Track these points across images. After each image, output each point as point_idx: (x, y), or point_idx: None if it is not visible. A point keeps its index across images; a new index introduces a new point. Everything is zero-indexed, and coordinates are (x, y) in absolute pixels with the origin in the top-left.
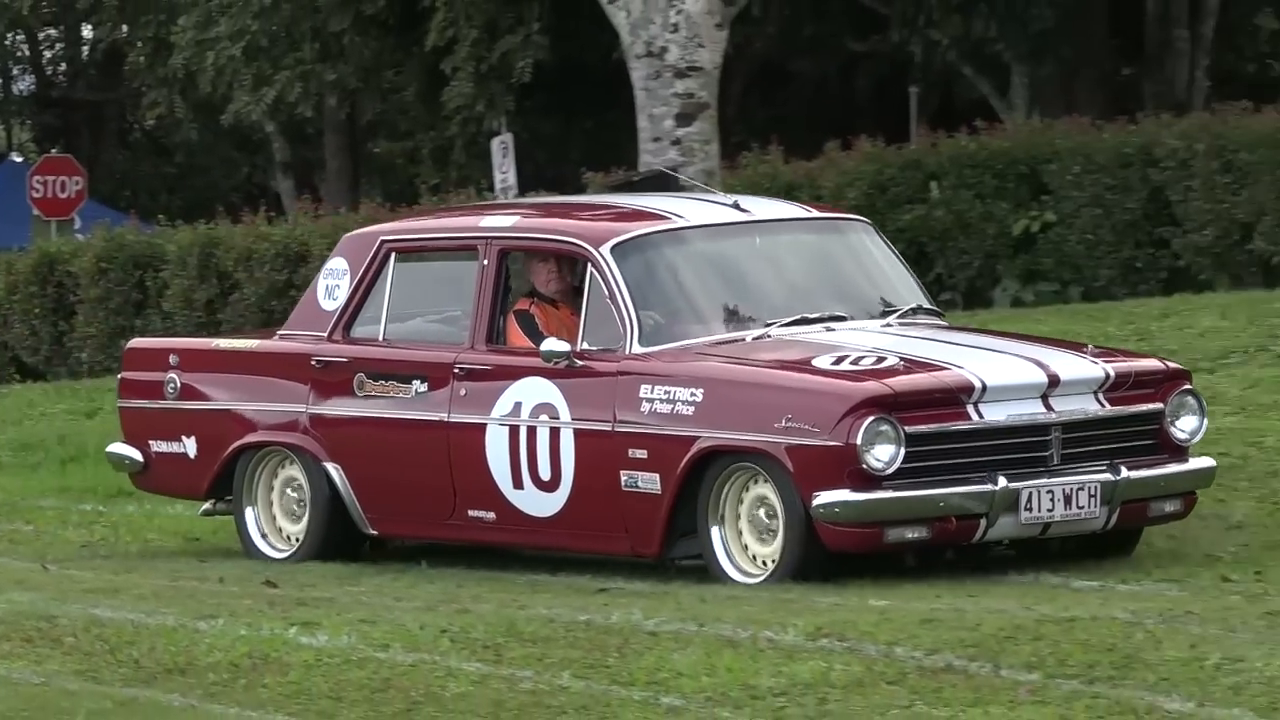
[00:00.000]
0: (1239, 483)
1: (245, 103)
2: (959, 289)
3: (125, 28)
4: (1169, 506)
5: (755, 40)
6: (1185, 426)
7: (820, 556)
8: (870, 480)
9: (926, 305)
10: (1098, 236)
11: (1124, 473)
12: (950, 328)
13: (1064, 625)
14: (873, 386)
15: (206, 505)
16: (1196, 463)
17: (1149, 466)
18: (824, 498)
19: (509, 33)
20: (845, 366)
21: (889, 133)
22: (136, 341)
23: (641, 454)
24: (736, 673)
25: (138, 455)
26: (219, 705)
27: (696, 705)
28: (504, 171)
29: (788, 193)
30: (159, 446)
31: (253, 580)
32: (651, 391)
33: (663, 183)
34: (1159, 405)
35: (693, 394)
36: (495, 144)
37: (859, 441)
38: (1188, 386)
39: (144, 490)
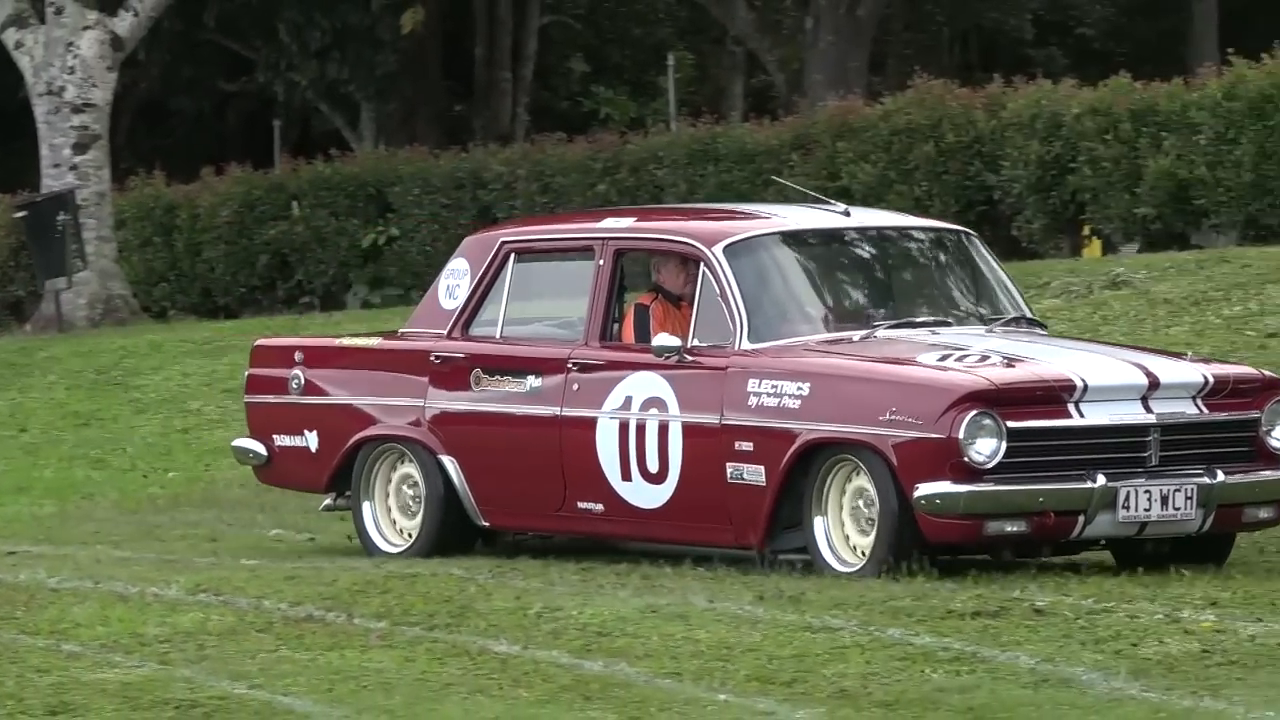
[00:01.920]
0: None
1: None
2: (317, 294)
3: None
4: (1263, 513)
5: (141, 81)
6: None
7: (913, 546)
8: (971, 473)
9: (1029, 315)
10: (435, 248)
11: (1220, 476)
12: (1052, 336)
13: (408, 580)
14: (975, 381)
15: (327, 500)
16: None
17: (1244, 472)
18: (925, 489)
19: None
20: (949, 363)
21: (256, 160)
22: (263, 340)
23: (747, 446)
24: (127, 623)
25: (262, 449)
26: None
27: (93, 651)
28: None
29: (168, 211)
30: (282, 441)
31: None
32: (759, 386)
33: (61, 203)
34: (1256, 413)
35: (799, 388)
36: None
37: (961, 435)
38: None
39: (267, 483)
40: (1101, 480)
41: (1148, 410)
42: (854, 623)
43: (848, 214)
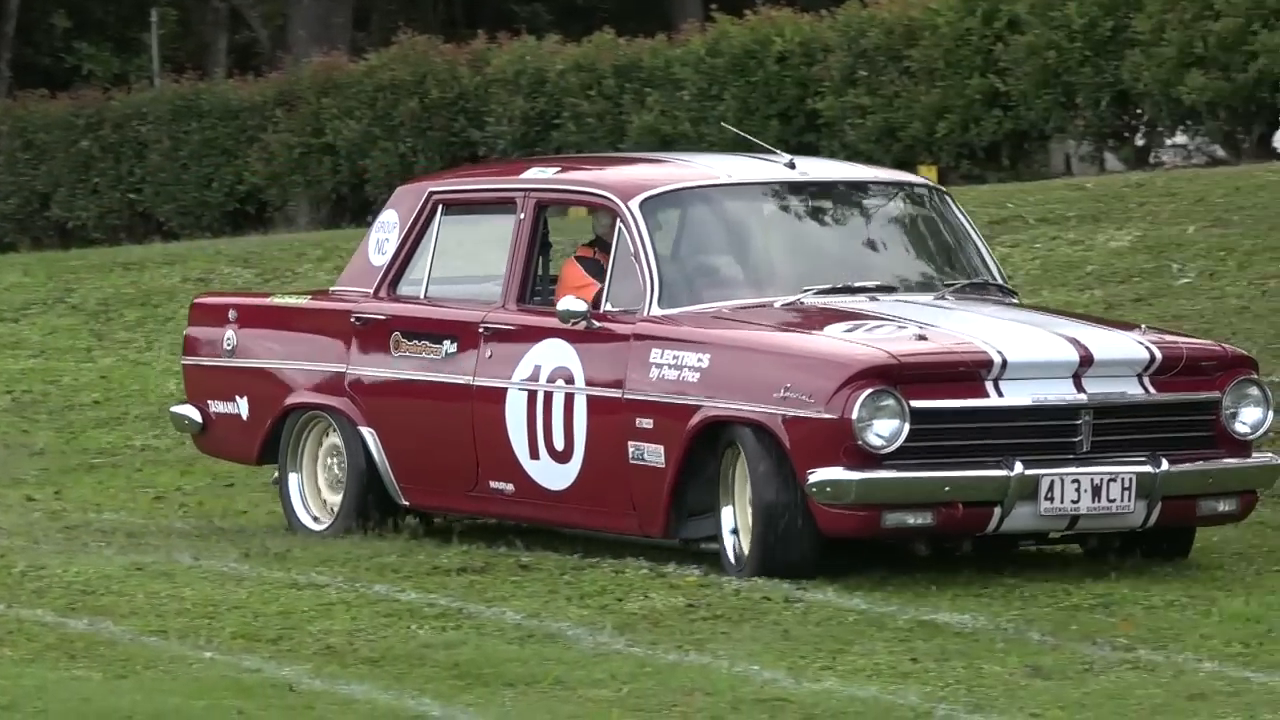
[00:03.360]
0: (40, 416)
1: None
2: None
3: None
4: (1222, 506)
5: None
6: (1247, 419)
7: (804, 539)
8: (869, 459)
9: (995, 280)
10: None
11: (1164, 465)
12: (1017, 306)
13: None
14: (873, 355)
15: (278, 474)
16: (1256, 458)
17: (1198, 460)
18: (817, 475)
19: None
20: (855, 334)
21: None
22: (202, 297)
23: (648, 424)
24: None
25: (197, 416)
26: None
27: None
28: None
29: None
30: (216, 407)
31: None
32: (661, 356)
33: None
34: (1215, 394)
35: (699, 359)
36: None
37: (855, 415)
38: (1251, 375)
39: (206, 453)
40: (1019, 468)
41: (1079, 390)
42: (340, 579)
43: (792, 165)
